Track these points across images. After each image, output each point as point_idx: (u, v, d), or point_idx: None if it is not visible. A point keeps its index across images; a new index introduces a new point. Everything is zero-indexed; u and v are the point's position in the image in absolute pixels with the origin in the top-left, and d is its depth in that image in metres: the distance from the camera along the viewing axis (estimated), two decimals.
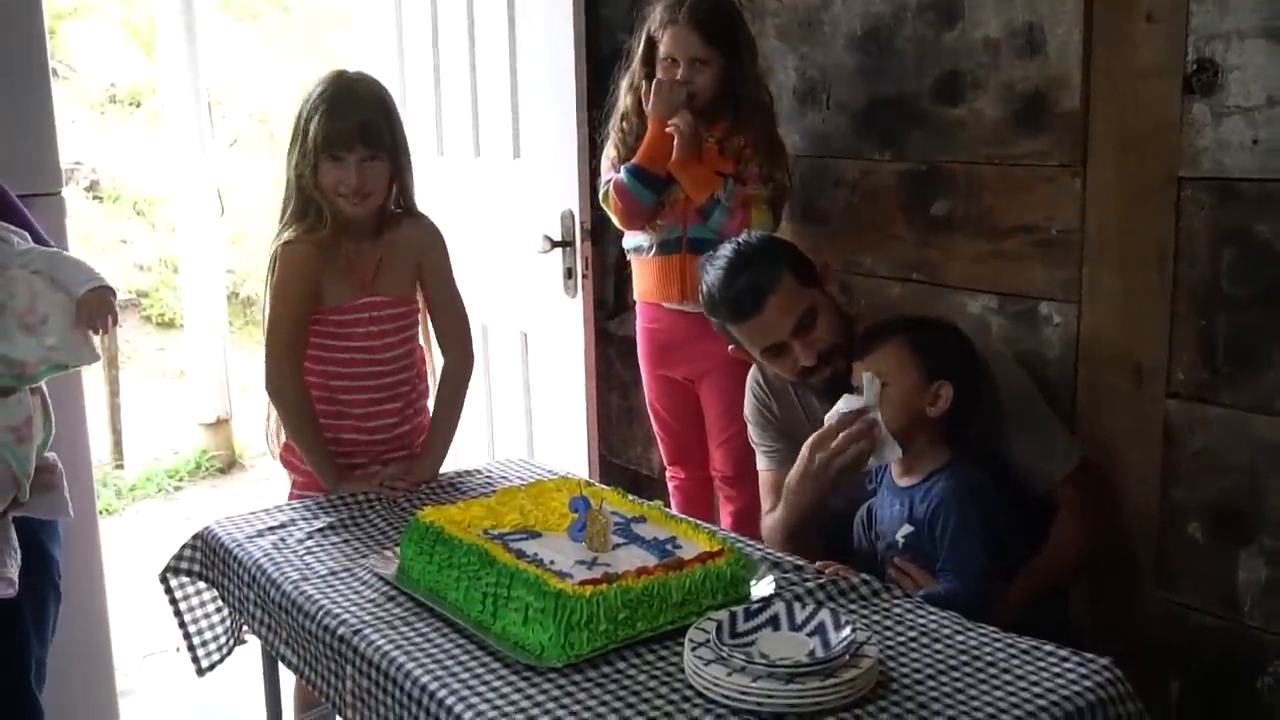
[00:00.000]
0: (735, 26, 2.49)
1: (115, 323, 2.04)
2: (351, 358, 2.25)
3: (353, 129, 2.15)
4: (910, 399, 1.86)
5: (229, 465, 5.46)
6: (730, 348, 2.15)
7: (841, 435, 1.87)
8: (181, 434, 5.58)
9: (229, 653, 2.15)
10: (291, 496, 2.34)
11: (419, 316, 2.36)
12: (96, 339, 2.06)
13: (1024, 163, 2.18)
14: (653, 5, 2.57)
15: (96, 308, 1.99)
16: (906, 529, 1.86)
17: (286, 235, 2.21)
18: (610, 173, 2.58)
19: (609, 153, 2.61)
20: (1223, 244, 1.92)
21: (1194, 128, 1.93)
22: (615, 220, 2.60)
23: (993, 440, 1.95)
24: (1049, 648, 1.55)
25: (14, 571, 1.97)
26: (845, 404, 1.88)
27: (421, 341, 2.38)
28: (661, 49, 2.49)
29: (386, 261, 2.26)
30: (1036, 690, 1.46)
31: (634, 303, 2.73)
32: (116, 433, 5.32)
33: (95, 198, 7.19)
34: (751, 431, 2.25)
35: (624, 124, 2.57)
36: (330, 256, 2.20)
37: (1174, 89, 1.94)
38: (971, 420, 1.90)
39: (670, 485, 2.80)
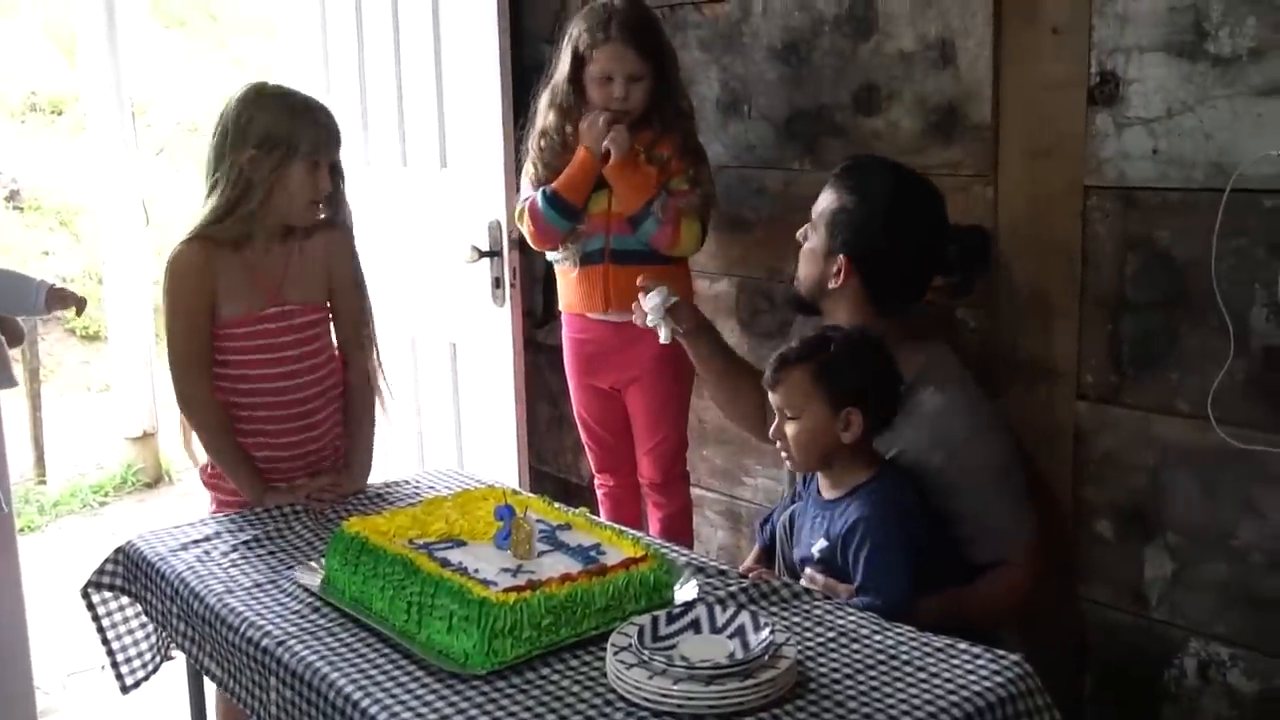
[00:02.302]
0: (661, 37, 2.51)
1: (84, 300, 2.16)
2: (262, 372, 2.20)
3: (335, 136, 2.19)
4: (821, 430, 1.84)
5: (155, 480, 5.37)
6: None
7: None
8: (107, 448, 5.48)
9: (154, 670, 2.13)
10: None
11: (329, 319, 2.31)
12: (17, 366, 2.05)
13: (938, 172, 2.23)
14: (574, 20, 2.56)
15: (70, 302, 2.11)
16: (822, 544, 1.86)
17: (183, 239, 2.15)
18: (529, 190, 2.58)
19: (528, 170, 2.59)
20: (1126, 250, 1.99)
21: (1098, 138, 1.99)
22: (527, 239, 2.60)
23: (941, 498, 1.91)
24: (963, 645, 1.60)
25: None
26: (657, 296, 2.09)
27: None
28: (595, 67, 2.46)
29: (295, 267, 2.22)
30: (949, 686, 1.50)
31: (560, 312, 2.74)
32: (39, 447, 5.20)
33: (16, 208, 7.05)
34: None
35: (543, 141, 2.54)
36: (229, 264, 2.14)
37: (1079, 100, 2.01)
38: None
39: (599, 493, 2.82)
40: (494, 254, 2.87)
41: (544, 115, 2.56)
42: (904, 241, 1.98)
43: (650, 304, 2.04)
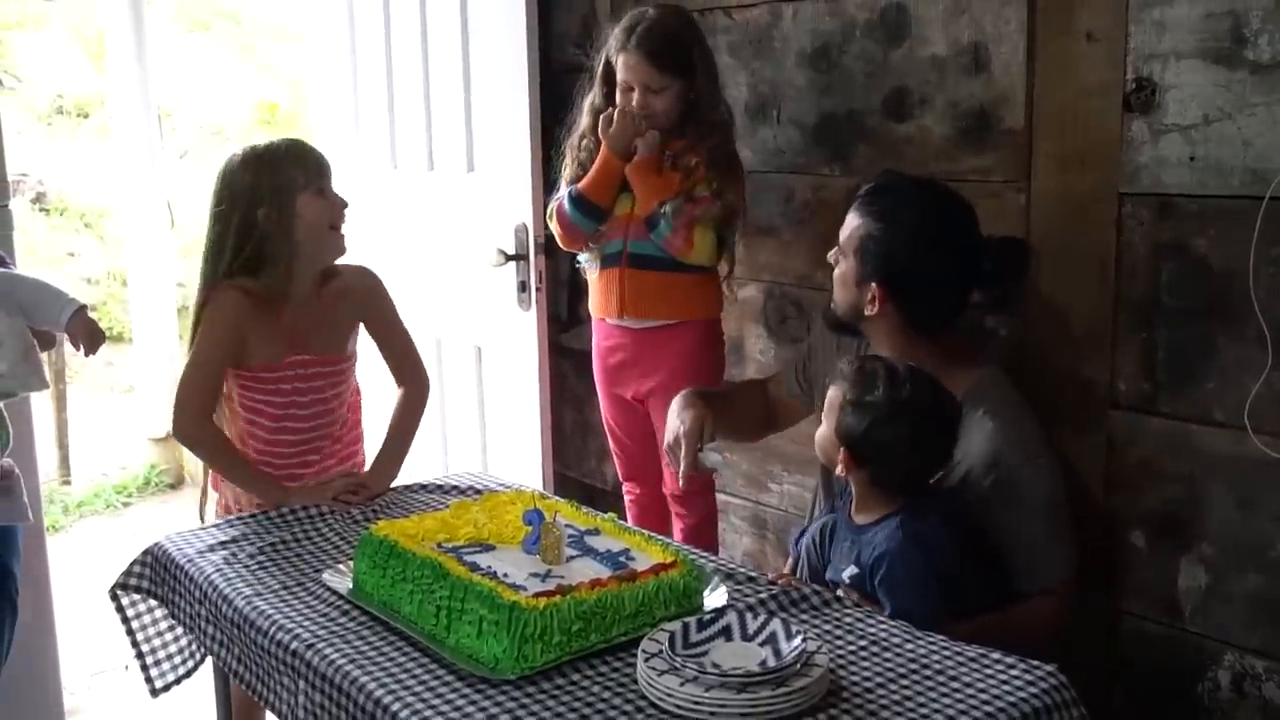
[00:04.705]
0: (688, 49, 2.47)
1: (103, 339, 2.09)
2: (276, 414, 2.25)
3: (326, 162, 2.24)
4: (825, 445, 1.87)
5: (178, 481, 5.38)
6: None
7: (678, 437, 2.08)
8: (130, 449, 5.50)
9: (187, 674, 2.12)
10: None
11: (353, 366, 2.36)
12: (46, 367, 2.06)
13: (970, 178, 2.22)
14: (610, 25, 2.56)
15: (90, 337, 2.04)
16: (852, 569, 1.83)
17: (223, 282, 2.20)
18: (565, 189, 2.59)
19: (565, 168, 2.60)
20: (1162, 258, 1.97)
21: (1133, 145, 1.98)
22: (557, 239, 2.61)
23: (985, 521, 1.88)
24: (996, 655, 1.58)
25: None
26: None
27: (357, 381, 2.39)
28: (619, 74, 2.47)
29: (325, 320, 2.28)
30: (984, 697, 1.49)
31: (588, 317, 2.74)
32: (64, 448, 5.23)
33: (42, 210, 7.09)
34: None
35: (582, 143, 2.55)
36: (264, 311, 2.20)
37: (1114, 107, 1.99)
38: (918, 469, 1.84)
39: (626, 500, 2.81)
40: (520, 258, 2.87)
41: (583, 117, 2.57)
42: (936, 264, 1.94)
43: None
